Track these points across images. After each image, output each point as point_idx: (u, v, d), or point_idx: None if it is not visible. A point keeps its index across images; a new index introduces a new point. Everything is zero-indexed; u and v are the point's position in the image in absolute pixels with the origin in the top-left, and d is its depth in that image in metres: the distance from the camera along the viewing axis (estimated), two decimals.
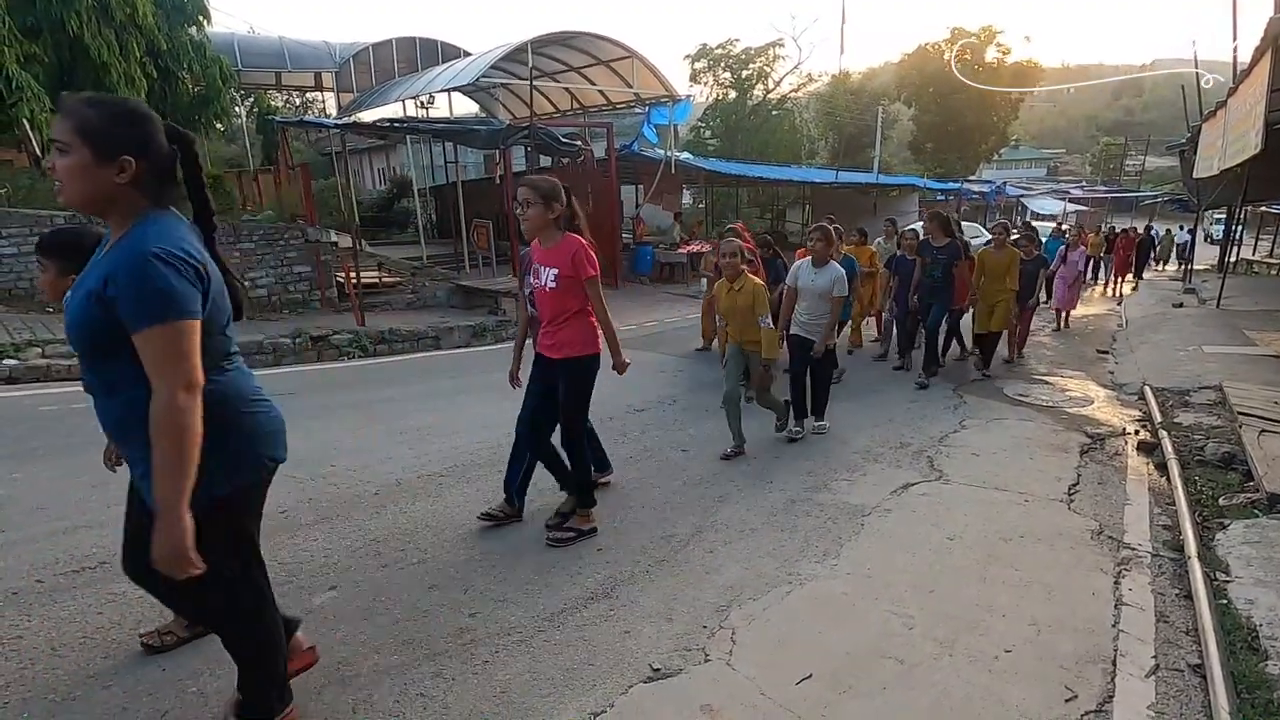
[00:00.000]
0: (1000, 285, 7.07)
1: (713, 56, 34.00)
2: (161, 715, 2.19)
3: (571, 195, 3.29)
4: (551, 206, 3.16)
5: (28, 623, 2.62)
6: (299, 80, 20.27)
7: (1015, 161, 61.12)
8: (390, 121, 14.65)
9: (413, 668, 2.45)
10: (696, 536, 3.53)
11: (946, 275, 6.74)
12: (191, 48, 11.67)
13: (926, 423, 5.55)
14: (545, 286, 3.22)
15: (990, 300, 7.12)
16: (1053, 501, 4.07)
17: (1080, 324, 11.52)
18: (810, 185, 25.31)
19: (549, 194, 3.15)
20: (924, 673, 2.51)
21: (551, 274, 3.18)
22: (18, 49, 8.72)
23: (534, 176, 3.29)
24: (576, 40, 15.56)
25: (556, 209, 3.17)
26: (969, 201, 32.20)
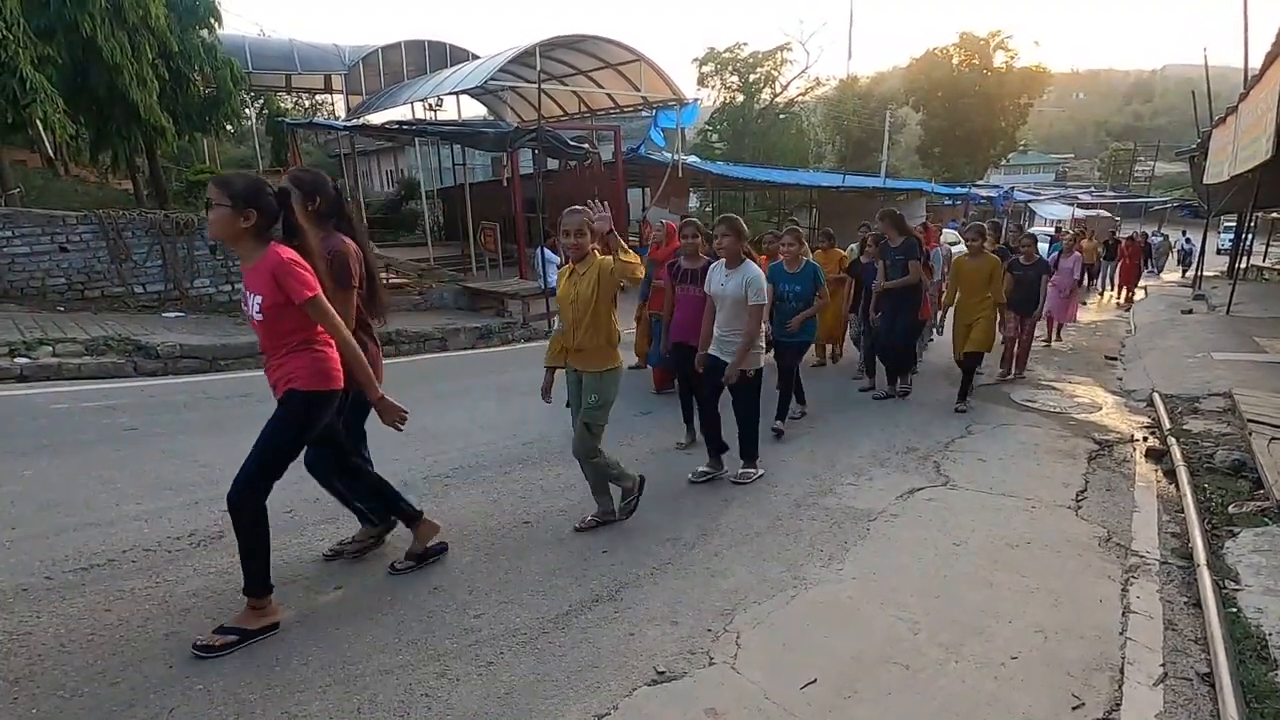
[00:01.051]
0: (979, 298, 6.08)
1: (720, 60, 34.05)
2: (169, 712, 2.21)
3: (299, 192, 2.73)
4: (244, 212, 2.40)
5: (37, 619, 2.64)
6: (309, 82, 20.41)
7: (1024, 166, 60.90)
8: (399, 123, 14.71)
9: (418, 667, 2.46)
10: (702, 540, 3.52)
11: (903, 274, 6.11)
12: (203, 50, 11.74)
13: (933, 428, 5.53)
14: (253, 318, 2.52)
15: (968, 316, 6.10)
16: (1060, 508, 4.05)
17: (1084, 330, 11.45)
18: (817, 189, 25.29)
19: (241, 194, 2.40)
20: (929, 678, 2.50)
21: (256, 302, 2.46)
22: (32, 51, 8.79)
23: (228, 173, 2.75)
24: (584, 44, 15.61)
25: (251, 216, 2.41)
26: (977, 206, 32.10)
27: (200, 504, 3.71)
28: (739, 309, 4.02)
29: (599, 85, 17.06)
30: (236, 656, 2.48)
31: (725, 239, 4.07)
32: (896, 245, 6.08)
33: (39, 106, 8.64)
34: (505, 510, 3.79)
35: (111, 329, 7.49)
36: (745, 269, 4.04)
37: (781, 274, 5.14)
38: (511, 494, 3.98)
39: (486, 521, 3.65)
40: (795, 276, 5.09)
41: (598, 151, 14.86)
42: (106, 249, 8.74)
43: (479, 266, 13.95)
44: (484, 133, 13.71)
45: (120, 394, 5.71)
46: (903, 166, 42.55)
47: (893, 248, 6.11)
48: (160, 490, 3.86)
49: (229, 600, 2.82)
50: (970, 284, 6.13)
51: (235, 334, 8.24)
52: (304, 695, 2.30)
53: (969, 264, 6.20)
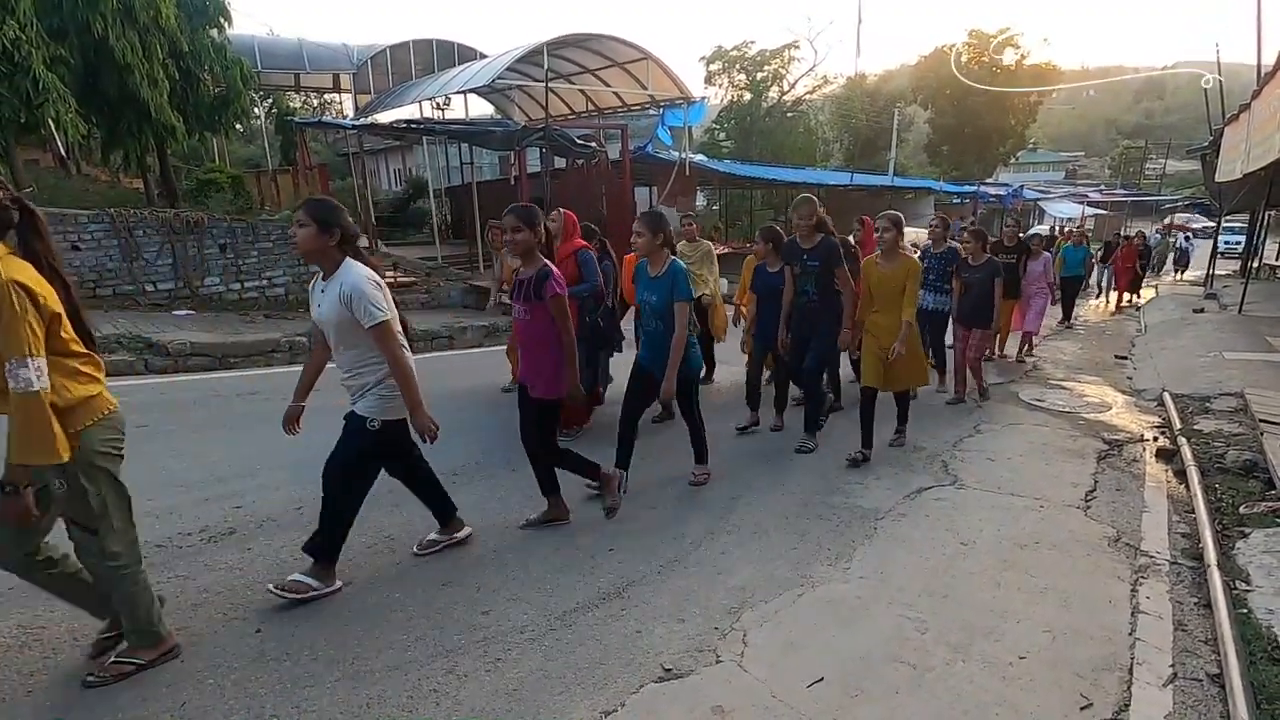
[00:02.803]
0: (891, 315, 4.53)
1: (728, 58, 33.97)
2: (180, 706, 2.23)
3: None
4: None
5: (50, 613, 2.66)
6: (317, 82, 20.49)
7: (1033, 165, 60.54)
8: (407, 122, 14.75)
9: (426, 664, 2.48)
10: (709, 538, 3.53)
11: (824, 290, 4.73)
12: (212, 49, 11.81)
13: (940, 427, 5.51)
14: None
15: (884, 336, 4.54)
16: (1069, 508, 4.03)
17: (1093, 329, 11.39)
18: (825, 188, 25.21)
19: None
20: (937, 678, 2.49)
21: None
22: (44, 51, 8.87)
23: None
24: (592, 42, 15.60)
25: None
26: (986, 205, 31.94)
27: (210, 501, 3.74)
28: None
29: (606, 84, 17.06)
30: (246, 652, 2.50)
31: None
32: (811, 247, 4.72)
33: (51, 106, 8.71)
34: (513, 507, 3.81)
35: (122, 327, 7.55)
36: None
37: (641, 278, 3.97)
38: (519, 491, 3.99)
39: (494, 518, 3.66)
40: (655, 283, 3.84)
41: (604, 150, 14.86)
42: (118, 247, 8.81)
43: (486, 265, 13.98)
44: (491, 131, 13.75)
45: (131, 391, 5.75)
46: (911, 165, 42.37)
47: (805, 250, 4.73)
48: (171, 487, 3.90)
49: (240, 595, 2.85)
50: (884, 295, 4.60)
51: (245, 332, 8.30)
52: (313, 690, 2.32)
53: (880, 269, 4.60)
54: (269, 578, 2.92)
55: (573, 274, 4.76)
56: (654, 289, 3.85)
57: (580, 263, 4.88)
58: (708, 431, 4.31)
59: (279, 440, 4.47)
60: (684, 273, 3.78)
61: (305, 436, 3.04)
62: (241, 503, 3.77)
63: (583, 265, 4.89)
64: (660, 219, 3.89)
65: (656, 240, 3.81)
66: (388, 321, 2.71)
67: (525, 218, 3.25)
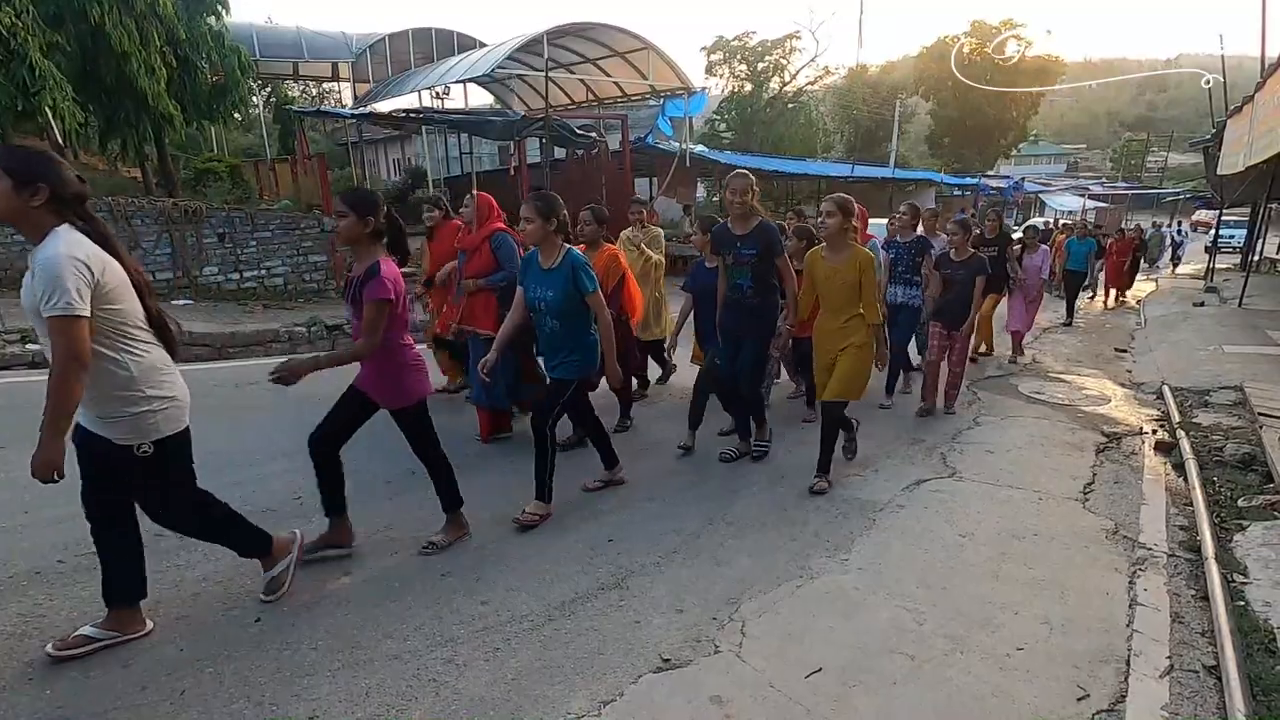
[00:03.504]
0: (846, 316, 3.88)
1: (729, 49, 33.82)
2: (180, 694, 2.23)
3: None
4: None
5: (50, 602, 2.67)
6: (316, 70, 20.41)
7: (1035, 157, 60.40)
8: (406, 112, 14.69)
9: (425, 653, 2.48)
10: (708, 529, 3.53)
11: (761, 285, 4.03)
12: (210, 37, 11.75)
13: (939, 419, 5.51)
14: None
15: (829, 344, 3.97)
16: (1068, 500, 4.04)
17: (1093, 323, 11.38)
18: (826, 179, 25.16)
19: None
20: (934, 669, 2.50)
21: None
22: (41, 38, 8.81)
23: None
24: (592, 31, 15.52)
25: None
26: (987, 197, 31.87)
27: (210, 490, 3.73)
28: None
29: (607, 74, 16.98)
30: (246, 641, 2.51)
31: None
32: (746, 234, 3.99)
33: (48, 94, 8.67)
34: (512, 498, 3.80)
35: None
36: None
37: (531, 271, 3.45)
38: (519, 481, 3.98)
39: (494, 508, 3.66)
40: (549, 276, 3.34)
41: (605, 140, 14.81)
42: (116, 236, 8.78)
43: None
44: (491, 121, 13.71)
45: None
46: (912, 157, 42.22)
47: (737, 236, 4.03)
48: None
49: (239, 584, 2.85)
50: (829, 293, 3.90)
51: (244, 321, 8.28)
52: (313, 679, 2.32)
53: (826, 263, 3.89)
54: None
55: (487, 262, 4.41)
56: (549, 283, 3.34)
57: (494, 248, 4.39)
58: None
59: (278, 430, 4.48)
60: (585, 263, 3.37)
61: (309, 427, 3.04)
62: (240, 492, 3.76)
63: (497, 251, 4.38)
64: (552, 202, 3.33)
65: (549, 226, 3.31)
66: None
67: (352, 201, 2.80)
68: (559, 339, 3.45)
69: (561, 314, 3.38)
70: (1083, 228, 12.58)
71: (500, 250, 4.39)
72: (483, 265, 4.41)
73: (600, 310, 3.41)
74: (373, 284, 2.73)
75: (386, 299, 2.74)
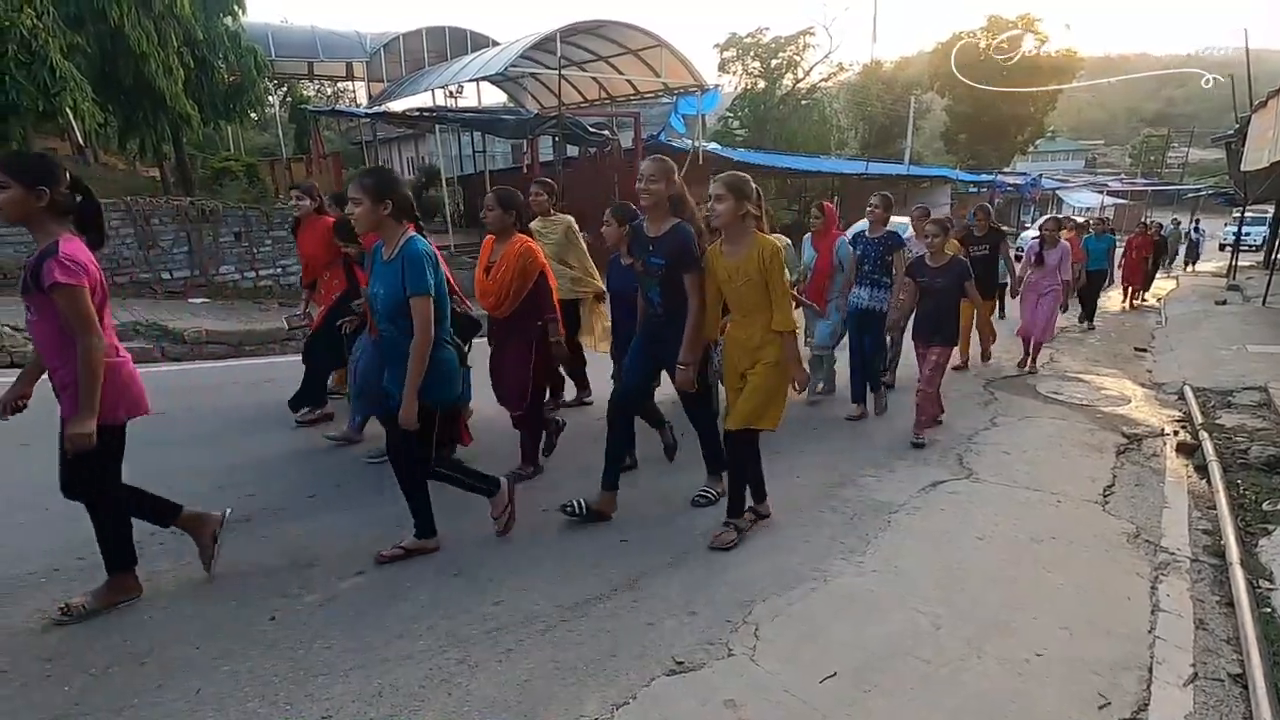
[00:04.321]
0: (750, 326, 3.16)
1: (742, 45, 33.64)
2: (195, 692, 2.25)
3: None
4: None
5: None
6: (331, 70, 20.50)
7: (1052, 154, 59.66)
8: (419, 111, 14.75)
9: (437, 653, 2.48)
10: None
11: (672, 300, 3.29)
12: (227, 38, 11.83)
13: (956, 419, 5.45)
14: None
15: (739, 358, 3.23)
16: (1087, 503, 3.97)
17: (1112, 321, 11.20)
18: (839, 177, 24.99)
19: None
20: (951, 673, 2.46)
21: None
22: (62, 39, 8.91)
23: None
24: (605, 29, 15.48)
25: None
26: (1004, 194, 31.52)
27: (225, 489, 3.77)
28: None
29: (619, 71, 16.94)
30: (260, 640, 2.52)
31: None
32: (661, 235, 3.27)
33: (69, 95, 8.76)
34: (524, 498, 3.79)
35: (139, 314, 7.62)
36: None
37: (375, 263, 2.94)
38: (533, 483, 3.98)
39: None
40: (385, 270, 2.83)
41: (617, 138, 14.79)
42: (134, 236, 8.89)
43: None
44: (504, 120, 13.74)
45: (149, 378, 5.74)
46: (927, 153, 41.88)
47: (652, 239, 3.30)
48: (187, 474, 3.92)
49: (254, 583, 2.87)
50: (733, 296, 3.16)
51: (260, 320, 8.35)
52: (326, 679, 2.33)
53: (726, 259, 3.11)
54: (282, 565, 2.95)
55: None
56: (383, 278, 2.80)
57: None
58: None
59: (293, 430, 4.49)
60: (421, 257, 2.75)
61: (325, 425, 3.05)
62: (255, 490, 3.79)
63: None
64: (386, 178, 2.84)
65: (381, 210, 2.73)
66: None
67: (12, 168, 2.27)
68: (397, 351, 2.81)
69: (394, 317, 2.80)
70: (1099, 223, 11.99)
71: None
72: None
73: (419, 318, 2.73)
74: (48, 266, 2.20)
75: (69, 284, 2.21)
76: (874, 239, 5.30)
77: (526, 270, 3.70)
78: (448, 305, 3.01)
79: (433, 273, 2.81)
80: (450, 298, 3.62)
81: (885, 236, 5.27)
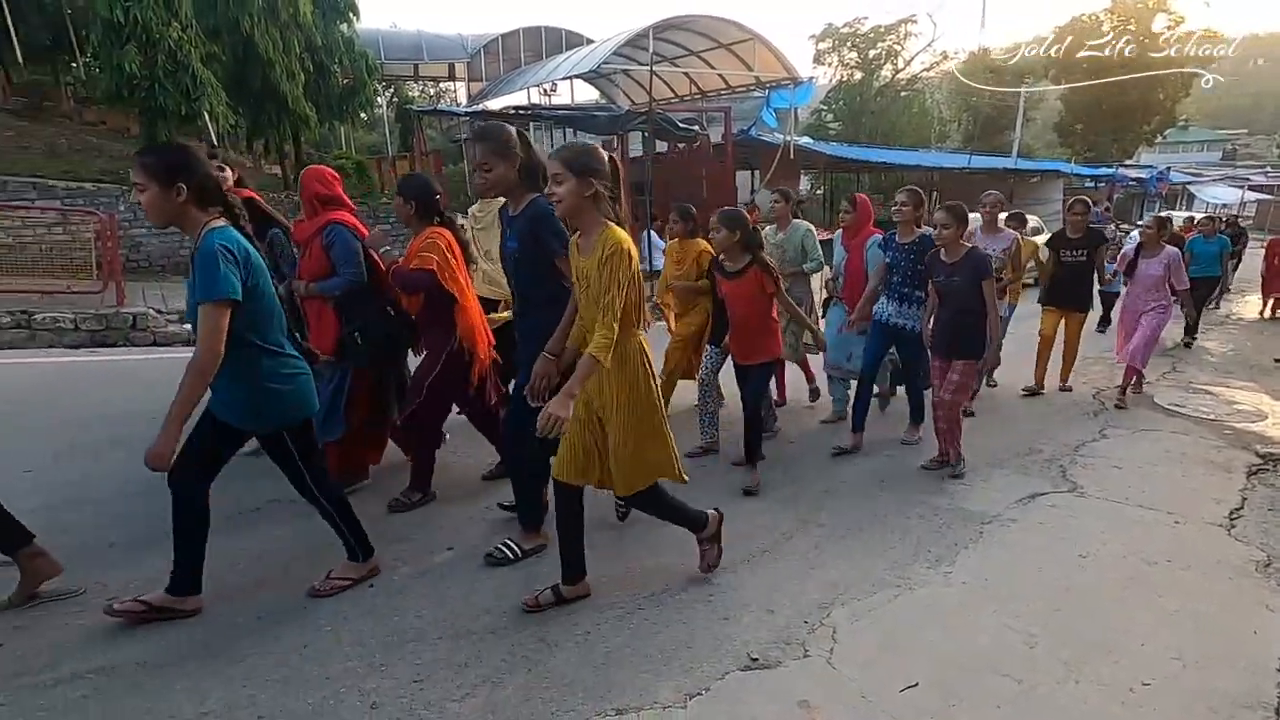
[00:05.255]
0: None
1: (839, 36, 32.68)
2: (304, 646, 2.44)
3: None
4: None
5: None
6: (434, 71, 21.53)
7: (1183, 145, 54.41)
8: (514, 109, 15.23)
9: (519, 630, 2.58)
10: (801, 530, 3.46)
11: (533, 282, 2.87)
12: (342, 43, 12.66)
13: (1060, 429, 5.11)
14: None
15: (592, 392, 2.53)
16: (1210, 526, 3.64)
17: (1248, 328, 10.12)
18: (939, 171, 23.85)
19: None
20: (1045, 695, 2.33)
21: None
22: (201, 49, 9.81)
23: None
24: (698, 23, 15.45)
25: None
26: (1124, 189, 29.12)
27: None
28: None
29: (711, 66, 16.86)
30: (360, 606, 2.71)
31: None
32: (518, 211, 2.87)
33: (207, 99, 9.64)
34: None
35: None
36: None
37: None
38: None
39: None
40: None
41: (706, 133, 14.72)
42: None
43: None
44: (596, 116, 13.96)
45: None
46: (1037, 146, 39.24)
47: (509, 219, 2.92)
48: None
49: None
50: (583, 303, 2.52)
51: None
52: (418, 645, 2.48)
53: (578, 257, 2.50)
54: (381, 539, 3.11)
55: (321, 263, 3.39)
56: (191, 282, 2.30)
57: (327, 246, 3.35)
58: None
59: None
60: (214, 254, 2.21)
61: None
62: None
63: (330, 249, 3.34)
64: (176, 155, 2.34)
65: (174, 197, 2.25)
66: None
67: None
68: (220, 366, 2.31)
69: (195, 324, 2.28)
70: (1209, 222, 10.09)
71: (333, 249, 3.35)
72: (316, 267, 3.42)
73: (203, 326, 2.21)
74: None
75: None
76: (904, 244, 4.36)
77: None
78: (272, 305, 2.43)
79: (239, 270, 2.24)
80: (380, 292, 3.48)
81: (918, 241, 4.31)
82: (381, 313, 3.51)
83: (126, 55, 9.09)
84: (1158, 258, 5.67)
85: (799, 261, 4.87)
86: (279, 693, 2.24)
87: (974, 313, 3.97)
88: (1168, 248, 5.76)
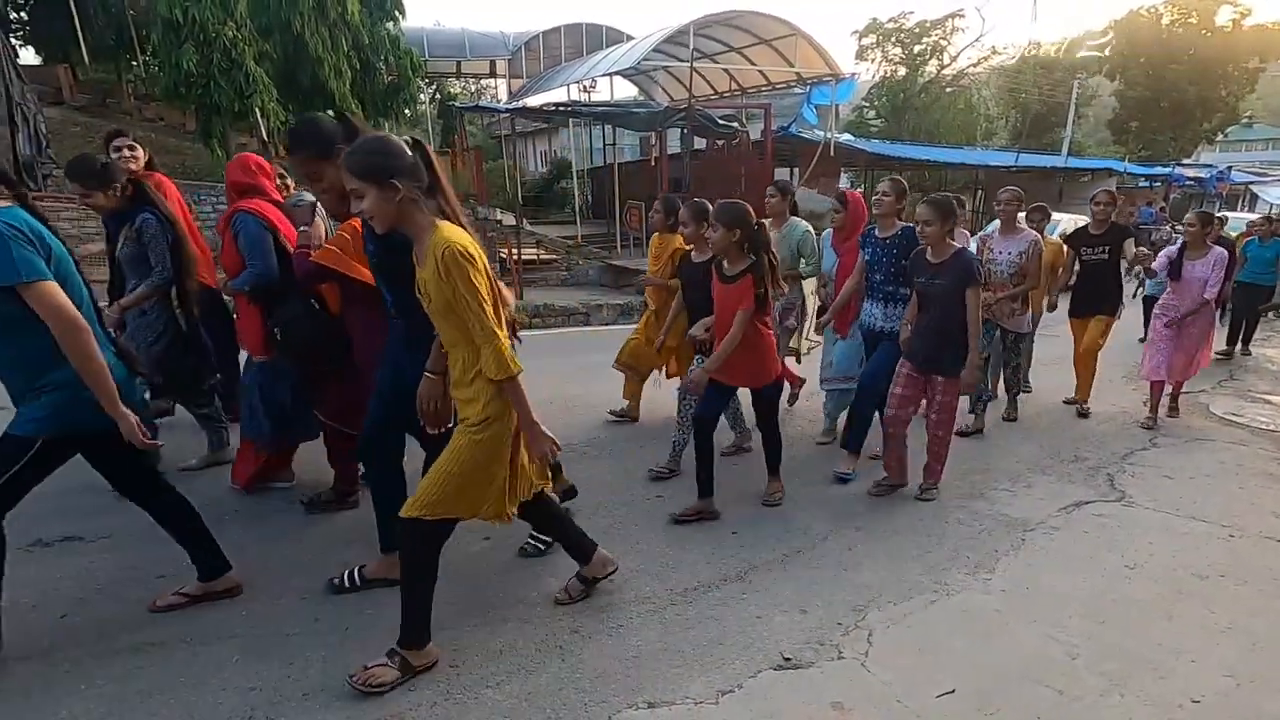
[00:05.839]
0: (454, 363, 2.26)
1: (883, 31, 32.05)
2: (344, 629, 2.52)
3: None
4: None
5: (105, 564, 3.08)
6: (476, 68, 21.79)
7: (1246, 143, 51.97)
8: (555, 105, 15.33)
9: (552, 621, 2.62)
10: (835, 532, 3.43)
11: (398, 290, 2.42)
12: (388, 41, 12.92)
13: (1108, 436, 4.96)
14: None
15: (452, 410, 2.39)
16: (1266, 540, 3.50)
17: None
18: (984, 169, 23.27)
19: None
20: (1086, 708, 2.28)
21: None
22: (255, 48, 10.12)
23: None
24: (739, 19, 15.32)
25: None
26: (1181, 189, 27.99)
27: None
28: None
29: (751, 62, 16.71)
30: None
31: None
32: None
33: (259, 97, 9.94)
34: (637, 482, 3.90)
35: None
36: None
37: None
38: (642, 467, 4.07)
39: (619, 492, 3.77)
40: None
41: (746, 130, 14.62)
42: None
43: (623, 245, 14.29)
44: (635, 113, 13.99)
45: None
46: (1089, 144, 37.92)
47: None
48: None
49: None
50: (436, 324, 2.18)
51: None
52: (454, 633, 2.53)
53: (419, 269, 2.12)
54: None
55: (233, 257, 3.21)
56: None
57: (235, 235, 3.16)
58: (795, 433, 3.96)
59: None
60: (10, 240, 1.97)
61: None
62: None
63: (236, 240, 3.16)
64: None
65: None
66: None
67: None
68: None
69: None
70: (1265, 223, 8.60)
71: (239, 239, 3.15)
72: (229, 260, 3.25)
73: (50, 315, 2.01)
74: None
75: None
76: (884, 239, 3.93)
77: None
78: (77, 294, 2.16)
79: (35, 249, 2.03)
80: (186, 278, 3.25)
81: (899, 236, 3.88)
82: (307, 310, 3.09)
83: (184, 53, 9.45)
84: (1204, 259, 5.01)
85: (793, 263, 4.54)
86: (321, 672, 2.31)
87: (959, 321, 3.47)
88: (1215, 248, 5.09)
